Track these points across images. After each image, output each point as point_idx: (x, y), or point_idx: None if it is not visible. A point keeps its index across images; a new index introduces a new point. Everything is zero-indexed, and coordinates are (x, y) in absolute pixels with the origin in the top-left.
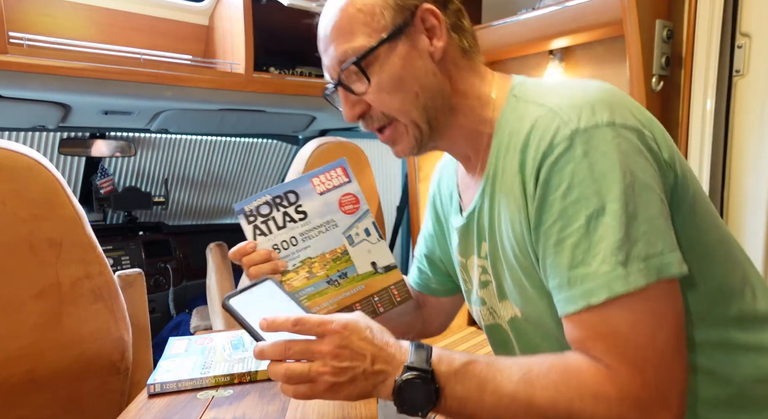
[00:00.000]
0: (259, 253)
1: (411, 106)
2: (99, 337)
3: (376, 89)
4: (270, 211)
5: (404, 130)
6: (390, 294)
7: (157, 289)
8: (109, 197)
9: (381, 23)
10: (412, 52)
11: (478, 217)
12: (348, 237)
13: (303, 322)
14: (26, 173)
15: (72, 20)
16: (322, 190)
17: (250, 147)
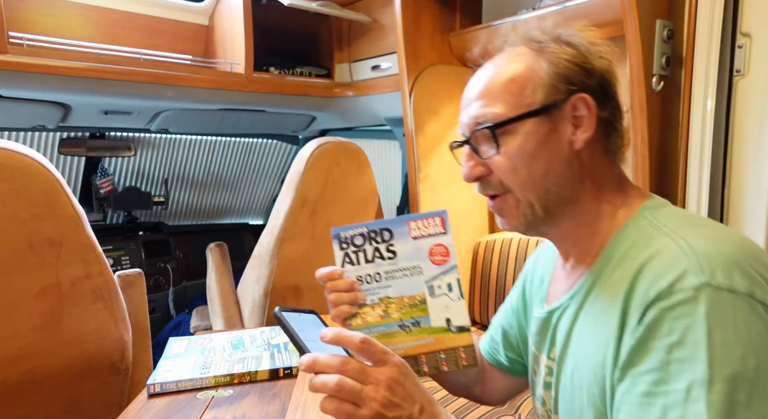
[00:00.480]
0: (344, 281)
1: (532, 185)
2: (99, 337)
3: (503, 158)
4: (363, 243)
5: (515, 204)
6: (457, 355)
7: (157, 289)
8: (109, 197)
9: (528, 99)
10: (551, 135)
11: (558, 319)
12: (430, 287)
13: (369, 343)
14: (26, 173)
15: (72, 20)
16: (417, 235)
17: (250, 147)
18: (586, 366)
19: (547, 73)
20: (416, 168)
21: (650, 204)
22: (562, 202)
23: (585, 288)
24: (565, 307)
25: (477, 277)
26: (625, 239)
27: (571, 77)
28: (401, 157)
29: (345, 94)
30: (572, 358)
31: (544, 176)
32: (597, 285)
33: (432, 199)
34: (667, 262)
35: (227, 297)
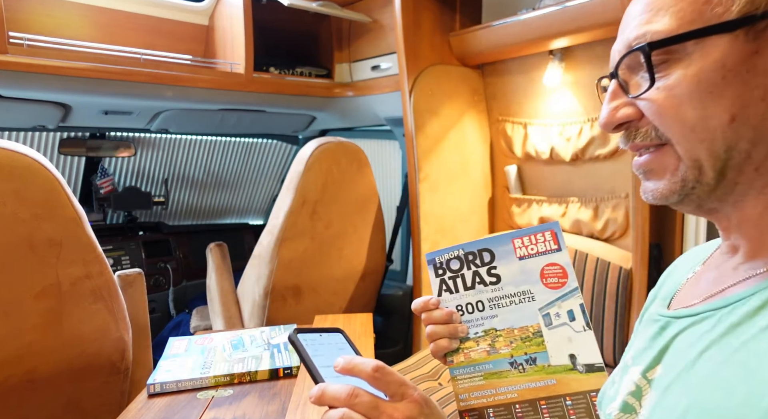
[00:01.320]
0: (442, 312)
1: (705, 134)
2: (99, 337)
3: (659, 94)
4: (461, 267)
5: (673, 163)
6: (589, 403)
7: (157, 289)
8: (109, 197)
9: (717, 7)
10: (751, 61)
11: (680, 331)
12: (545, 315)
13: (384, 373)
14: (26, 173)
15: (72, 20)
16: (523, 253)
17: (250, 147)
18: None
19: None
20: (416, 168)
21: None
22: (751, 168)
23: (749, 305)
24: (699, 320)
25: None
26: None
27: None
28: (401, 157)
29: (345, 94)
30: (690, 395)
31: (728, 123)
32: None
33: (432, 199)
34: None
35: (227, 297)
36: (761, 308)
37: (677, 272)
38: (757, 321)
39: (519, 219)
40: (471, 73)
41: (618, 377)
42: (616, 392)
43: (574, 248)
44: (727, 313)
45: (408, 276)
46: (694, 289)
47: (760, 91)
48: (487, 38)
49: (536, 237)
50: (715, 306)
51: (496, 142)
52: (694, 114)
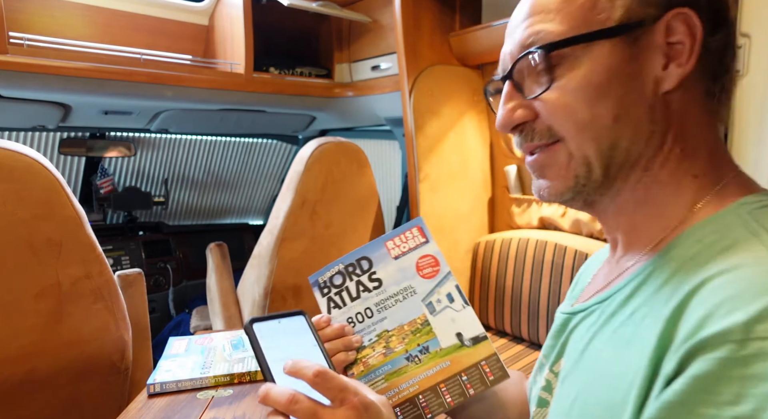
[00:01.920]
0: (333, 329)
1: (594, 133)
2: (99, 337)
3: (556, 93)
4: (343, 281)
5: (566, 160)
6: (481, 372)
7: (157, 289)
8: (109, 197)
9: (602, 13)
10: (631, 66)
11: (575, 325)
12: (428, 304)
13: (325, 378)
14: (26, 173)
15: (72, 20)
16: (397, 253)
17: (250, 147)
18: (594, 400)
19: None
20: (416, 168)
21: (754, 199)
22: (628, 165)
23: (622, 295)
24: (589, 313)
25: (477, 277)
26: (702, 237)
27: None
28: (401, 157)
29: (345, 94)
30: (579, 383)
31: (613, 122)
32: (639, 293)
33: (432, 199)
34: (751, 284)
35: (227, 297)
36: (630, 297)
37: (587, 272)
38: (625, 309)
39: (519, 220)
40: (471, 73)
41: (537, 375)
42: (537, 389)
43: (575, 248)
44: (607, 305)
45: None
46: (591, 285)
47: (637, 94)
48: (487, 38)
49: (405, 236)
50: (599, 300)
51: (496, 142)
52: (585, 113)
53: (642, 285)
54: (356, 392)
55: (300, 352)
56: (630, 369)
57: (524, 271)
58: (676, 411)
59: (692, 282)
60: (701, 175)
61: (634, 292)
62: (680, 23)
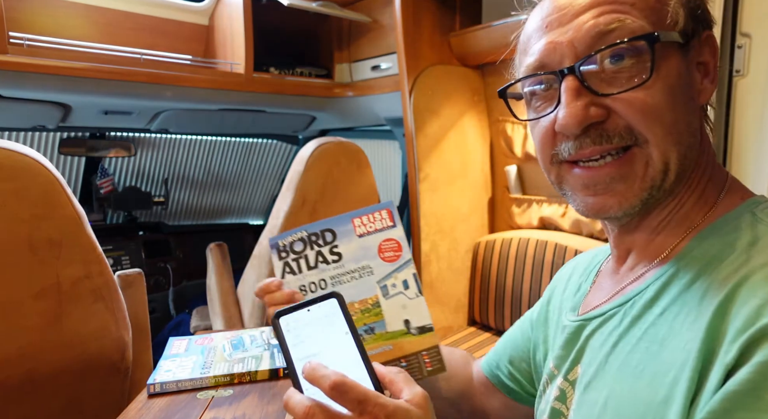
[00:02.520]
0: (283, 294)
1: (677, 137)
2: (99, 337)
3: (644, 91)
4: (304, 249)
5: (643, 168)
6: (420, 361)
7: (157, 289)
8: (109, 197)
9: (670, 19)
10: (688, 75)
11: (591, 332)
12: (383, 287)
13: (343, 389)
14: (26, 173)
15: (72, 20)
16: (362, 232)
17: (250, 147)
18: (630, 402)
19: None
20: (416, 168)
21: (758, 199)
22: (687, 171)
23: (646, 297)
24: (607, 318)
25: (477, 277)
26: (722, 237)
27: (702, 6)
28: (401, 157)
29: (345, 94)
30: (607, 387)
31: (686, 127)
32: (665, 293)
33: (432, 199)
34: None
35: (227, 297)
36: (655, 298)
37: (577, 273)
38: (653, 310)
39: (519, 220)
40: (471, 73)
41: (548, 387)
42: (546, 402)
43: (575, 248)
44: (629, 307)
45: None
46: (598, 293)
47: (693, 103)
48: (487, 38)
49: (374, 216)
50: (618, 303)
51: (496, 142)
52: (670, 116)
53: (667, 287)
54: (376, 401)
55: (331, 344)
56: (671, 366)
57: (524, 271)
58: (742, 400)
59: (732, 277)
60: (716, 180)
61: (660, 293)
62: (708, 45)
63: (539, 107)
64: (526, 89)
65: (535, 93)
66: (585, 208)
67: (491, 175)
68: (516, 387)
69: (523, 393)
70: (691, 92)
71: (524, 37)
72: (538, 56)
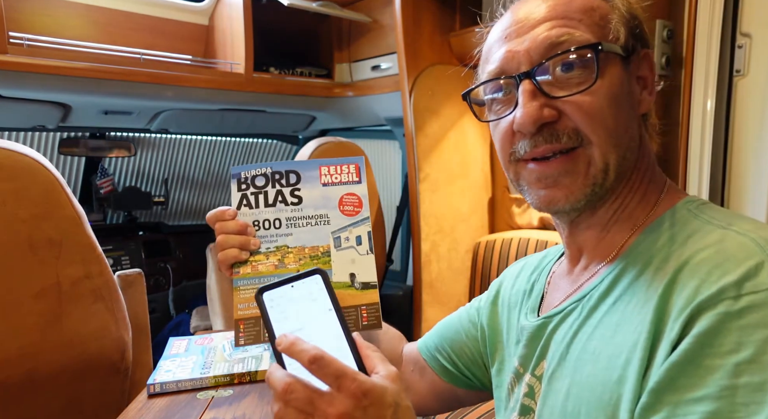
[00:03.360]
0: (236, 223)
1: (617, 140)
2: (99, 337)
3: (590, 96)
4: (265, 185)
5: (586, 163)
6: (358, 314)
7: (157, 289)
8: (109, 197)
9: (611, 34)
10: (629, 85)
11: (554, 328)
12: (336, 238)
13: (322, 363)
14: (26, 173)
15: (72, 20)
16: (327, 181)
17: (250, 147)
18: (589, 386)
19: (629, 13)
20: (416, 168)
21: (692, 199)
22: (623, 175)
23: (600, 290)
24: (567, 313)
25: (477, 277)
26: (663, 232)
27: (640, 27)
28: (401, 157)
29: (345, 94)
30: (569, 375)
31: (625, 132)
32: (617, 284)
33: (432, 199)
34: (732, 253)
35: (227, 297)
36: (609, 290)
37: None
38: (607, 300)
39: (519, 219)
40: (471, 73)
41: (515, 386)
42: (513, 400)
43: None
44: (586, 301)
45: (408, 276)
46: (556, 293)
47: (633, 111)
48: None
49: (341, 168)
50: (576, 299)
51: None
52: (611, 120)
53: (618, 279)
54: (354, 377)
55: (314, 320)
56: (624, 348)
57: None
58: (682, 368)
59: (676, 262)
60: (652, 183)
61: (612, 285)
62: (646, 61)
63: (499, 110)
64: (487, 96)
65: (495, 99)
66: (538, 200)
67: (491, 175)
68: (453, 369)
69: (459, 375)
70: (631, 101)
71: (486, 47)
72: (499, 63)
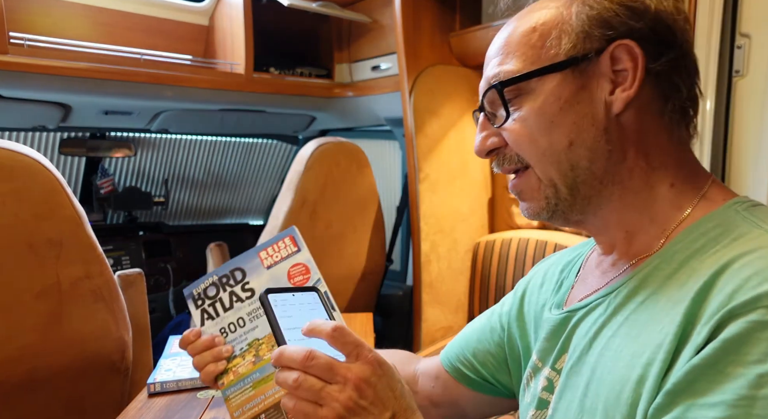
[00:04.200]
0: (201, 342)
1: (553, 158)
2: (99, 337)
3: (515, 124)
4: (217, 292)
5: (536, 184)
6: None
7: (157, 289)
8: (109, 197)
9: (551, 51)
10: (580, 95)
11: (578, 321)
12: None
13: (343, 333)
14: (26, 173)
15: (72, 20)
16: (270, 263)
17: (250, 147)
18: (609, 383)
19: (579, 17)
20: (416, 168)
21: (742, 200)
22: (596, 182)
23: (629, 287)
24: (592, 308)
25: (477, 277)
26: (706, 232)
27: (610, 20)
28: (401, 157)
29: (345, 94)
30: (589, 371)
31: (568, 148)
32: (648, 283)
33: (432, 199)
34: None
35: None
36: (638, 288)
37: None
38: (636, 298)
39: (519, 220)
40: (471, 73)
41: (532, 380)
42: (531, 394)
43: None
44: (613, 297)
45: (408, 276)
46: (583, 287)
47: (589, 118)
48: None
49: (278, 245)
50: (603, 294)
51: None
52: (543, 140)
53: (649, 277)
54: (371, 349)
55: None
56: (647, 348)
57: (524, 271)
58: (702, 372)
59: (714, 265)
60: (678, 183)
61: (642, 283)
62: (623, 53)
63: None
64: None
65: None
66: (521, 209)
67: (491, 175)
68: (477, 378)
69: (484, 383)
70: (590, 108)
71: None
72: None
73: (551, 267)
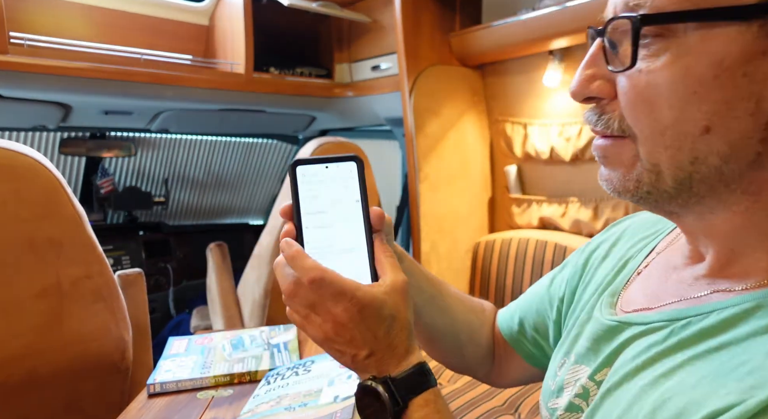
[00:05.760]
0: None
1: (673, 141)
2: (99, 337)
3: (640, 78)
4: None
5: (631, 159)
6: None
7: (157, 289)
8: (109, 197)
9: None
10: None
11: (630, 338)
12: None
13: (321, 284)
14: (26, 173)
15: (72, 20)
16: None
17: (250, 147)
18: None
19: None
20: (416, 168)
21: None
22: (720, 184)
23: (707, 323)
24: (650, 330)
25: (477, 277)
26: None
27: None
28: (401, 157)
29: (345, 94)
30: (624, 405)
31: (701, 134)
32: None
33: (432, 199)
34: None
35: (227, 297)
36: (715, 328)
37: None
38: (709, 342)
39: (519, 220)
40: (471, 73)
41: (559, 370)
42: (559, 388)
43: (575, 248)
44: (680, 327)
45: None
46: (645, 286)
47: (751, 102)
48: (487, 38)
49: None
50: (669, 317)
51: (496, 142)
52: (669, 114)
53: (737, 321)
54: (353, 295)
55: (339, 210)
56: (697, 410)
57: (524, 271)
58: None
59: None
60: None
61: (724, 326)
62: None
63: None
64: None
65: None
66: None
67: (491, 175)
68: (538, 353)
69: (545, 359)
70: (756, 87)
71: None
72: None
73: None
